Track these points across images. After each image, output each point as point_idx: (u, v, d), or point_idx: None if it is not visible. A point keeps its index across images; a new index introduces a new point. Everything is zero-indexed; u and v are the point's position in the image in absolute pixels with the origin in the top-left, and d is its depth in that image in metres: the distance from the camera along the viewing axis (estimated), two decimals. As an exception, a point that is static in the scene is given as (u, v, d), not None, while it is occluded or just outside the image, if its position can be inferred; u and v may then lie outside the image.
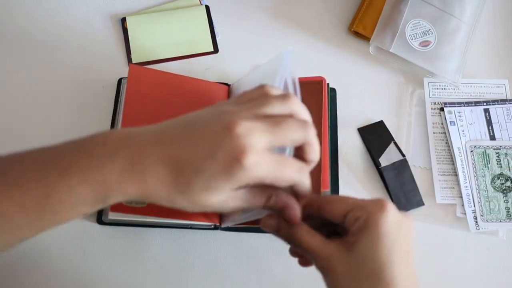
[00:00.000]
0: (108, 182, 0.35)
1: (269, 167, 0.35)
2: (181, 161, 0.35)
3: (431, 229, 0.54)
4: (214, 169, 0.34)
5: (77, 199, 0.36)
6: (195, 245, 0.51)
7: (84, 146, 0.37)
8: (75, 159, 0.36)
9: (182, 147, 0.36)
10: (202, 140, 0.35)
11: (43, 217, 0.36)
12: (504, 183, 0.55)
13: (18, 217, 0.35)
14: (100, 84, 0.57)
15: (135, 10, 0.62)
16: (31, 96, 0.56)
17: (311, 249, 0.38)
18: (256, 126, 0.35)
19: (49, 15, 0.60)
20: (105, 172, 0.35)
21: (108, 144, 0.36)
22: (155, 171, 0.35)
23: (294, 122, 0.37)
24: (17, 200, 0.35)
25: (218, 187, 0.35)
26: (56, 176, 0.35)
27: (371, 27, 0.60)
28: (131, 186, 0.36)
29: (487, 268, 0.53)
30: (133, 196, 0.36)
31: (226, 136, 0.34)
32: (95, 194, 0.36)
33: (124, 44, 0.60)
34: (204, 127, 0.36)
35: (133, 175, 0.35)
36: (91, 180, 0.35)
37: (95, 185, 0.35)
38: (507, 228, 0.54)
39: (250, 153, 0.33)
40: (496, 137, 0.57)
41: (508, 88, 0.60)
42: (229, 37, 0.61)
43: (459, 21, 0.59)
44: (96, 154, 0.36)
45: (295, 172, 0.37)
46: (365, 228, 0.36)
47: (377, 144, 0.56)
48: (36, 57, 0.58)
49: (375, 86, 0.60)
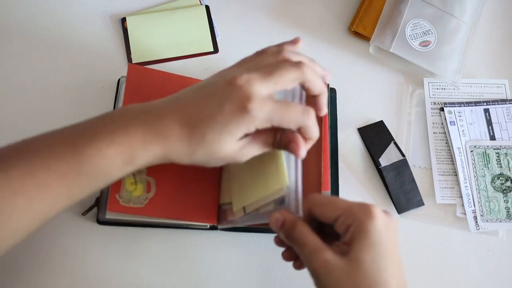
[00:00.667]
0: (133, 143, 0.40)
1: (273, 109, 0.39)
2: (194, 117, 0.40)
3: (431, 229, 0.54)
4: (224, 118, 0.39)
5: (107, 162, 0.39)
6: (194, 245, 0.51)
7: (107, 118, 0.41)
8: (102, 128, 0.40)
9: (194, 106, 0.40)
10: (210, 97, 0.40)
11: (78, 182, 0.39)
12: (504, 183, 0.55)
13: (55, 185, 0.38)
14: (100, 84, 0.57)
15: (135, 10, 0.62)
16: (31, 95, 0.56)
17: (309, 250, 0.39)
18: (254, 75, 0.39)
19: (49, 15, 0.60)
20: (130, 134, 0.40)
21: (129, 114, 0.41)
22: (173, 129, 0.40)
23: (288, 64, 0.41)
24: (54, 168, 0.38)
25: (230, 133, 0.39)
26: (86, 143, 0.39)
27: (371, 27, 0.60)
28: (154, 145, 0.40)
29: (487, 268, 0.53)
30: (157, 155, 0.40)
31: (230, 89, 0.39)
32: (123, 156, 0.40)
33: (124, 44, 0.60)
34: (211, 86, 0.41)
35: (154, 135, 0.40)
36: (118, 143, 0.39)
37: (122, 147, 0.39)
38: (507, 228, 0.54)
39: (253, 99, 0.38)
40: (496, 137, 0.57)
41: (508, 88, 0.60)
42: (229, 37, 0.61)
43: (459, 21, 0.59)
44: (119, 122, 0.40)
45: (300, 114, 0.40)
46: (358, 236, 0.38)
47: (377, 144, 0.56)
48: (36, 57, 0.58)
49: (375, 86, 0.60)
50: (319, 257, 0.38)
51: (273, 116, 0.39)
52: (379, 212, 0.39)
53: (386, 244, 0.38)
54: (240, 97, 0.38)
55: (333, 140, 0.55)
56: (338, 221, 0.40)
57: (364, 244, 0.38)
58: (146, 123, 0.40)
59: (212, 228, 0.51)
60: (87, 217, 0.51)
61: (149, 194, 0.48)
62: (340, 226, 0.39)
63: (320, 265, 0.38)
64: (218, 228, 0.51)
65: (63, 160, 0.39)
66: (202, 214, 0.49)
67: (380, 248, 0.38)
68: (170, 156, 0.41)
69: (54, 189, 0.39)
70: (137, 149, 0.40)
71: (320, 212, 0.41)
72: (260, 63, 0.42)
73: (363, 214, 0.39)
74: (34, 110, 0.56)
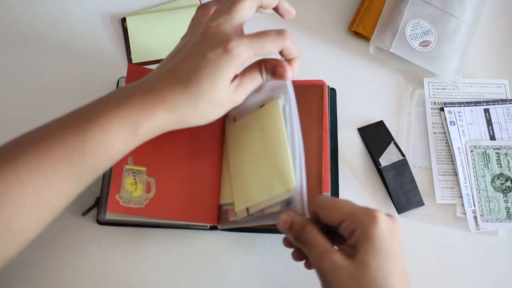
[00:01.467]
0: (135, 112, 0.41)
1: (251, 41, 0.42)
2: (184, 74, 0.41)
3: (431, 229, 0.54)
4: (211, 64, 0.41)
5: (111, 137, 0.40)
6: (194, 246, 0.51)
7: (104, 98, 0.42)
8: (102, 107, 0.41)
9: (181, 65, 0.42)
10: (191, 53, 0.42)
11: (84, 162, 0.40)
12: (504, 183, 0.55)
13: (62, 170, 0.39)
14: (100, 84, 0.57)
15: (135, 10, 0.62)
16: (31, 95, 0.56)
17: (318, 252, 0.40)
18: (220, 19, 0.43)
19: (49, 15, 0.60)
20: (130, 105, 0.41)
21: (125, 90, 0.42)
22: (168, 90, 0.41)
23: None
24: (59, 151, 0.39)
25: (222, 76, 0.41)
26: (88, 123, 0.40)
27: (371, 27, 0.60)
28: (155, 111, 0.41)
29: (487, 268, 0.53)
30: (161, 121, 0.42)
31: (206, 39, 0.42)
32: (127, 127, 0.40)
33: (124, 44, 0.60)
34: (188, 45, 0.43)
35: (153, 100, 0.41)
36: (119, 117, 0.40)
37: (124, 119, 0.40)
38: (507, 228, 0.54)
39: (230, 39, 0.41)
40: (496, 137, 0.57)
41: (508, 88, 0.60)
42: (229, 37, 0.61)
43: (459, 21, 0.59)
44: (117, 99, 0.41)
45: (276, 37, 0.43)
46: (362, 241, 0.39)
47: (377, 144, 0.56)
48: (36, 57, 0.58)
49: (375, 86, 0.60)
50: (327, 259, 0.39)
51: (253, 46, 0.42)
52: (383, 217, 0.39)
53: (390, 249, 0.39)
54: (218, 42, 0.41)
55: (333, 140, 0.55)
56: (342, 224, 0.40)
57: (369, 249, 0.38)
58: (143, 92, 0.41)
59: (212, 228, 0.51)
60: (87, 217, 0.51)
61: (149, 194, 0.48)
62: (344, 229, 0.40)
63: (328, 267, 0.39)
64: (218, 228, 0.51)
65: (67, 143, 0.39)
66: (202, 215, 0.49)
67: (385, 253, 0.38)
68: (173, 114, 0.42)
69: (61, 174, 0.39)
70: (140, 118, 0.41)
71: (324, 215, 0.42)
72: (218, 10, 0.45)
73: (367, 219, 0.39)
74: (34, 110, 0.56)
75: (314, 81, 0.54)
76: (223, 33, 0.42)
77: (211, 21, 0.43)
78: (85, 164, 0.40)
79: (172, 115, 0.42)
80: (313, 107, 0.52)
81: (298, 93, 0.52)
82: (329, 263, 0.39)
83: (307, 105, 0.52)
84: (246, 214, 0.48)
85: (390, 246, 0.39)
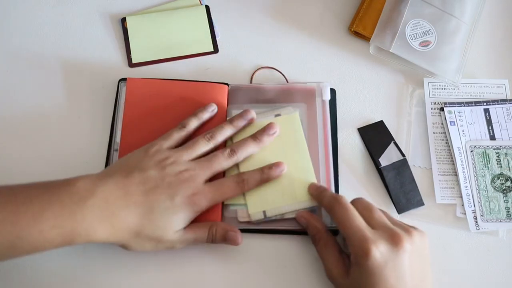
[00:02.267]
0: (78, 228, 0.42)
1: (213, 193, 0.47)
2: (147, 205, 0.45)
3: (431, 229, 0.54)
4: (175, 209, 0.45)
5: (46, 241, 0.42)
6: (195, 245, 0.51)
7: (55, 192, 0.43)
8: (47, 205, 0.42)
9: (144, 196, 0.45)
10: (160, 189, 0.45)
11: (13, 252, 0.42)
12: (504, 183, 0.55)
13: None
14: (100, 84, 0.57)
15: (135, 10, 0.62)
16: (31, 95, 0.56)
17: (325, 264, 0.47)
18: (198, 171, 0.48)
19: (49, 14, 0.60)
20: (76, 219, 0.42)
21: (77, 193, 0.43)
22: (123, 216, 0.44)
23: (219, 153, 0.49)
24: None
25: (179, 220, 0.46)
26: (29, 221, 0.41)
27: (371, 27, 0.60)
28: (100, 232, 0.43)
29: (487, 268, 0.53)
30: (100, 241, 0.43)
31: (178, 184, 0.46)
32: (63, 238, 0.42)
33: (124, 44, 0.60)
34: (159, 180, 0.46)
35: (101, 221, 0.43)
36: (61, 226, 0.42)
37: (65, 231, 0.42)
38: (507, 228, 0.54)
39: (198, 192, 0.46)
40: (496, 137, 0.57)
41: (508, 88, 0.60)
42: (229, 37, 0.61)
43: (459, 21, 0.59)
44: (66, 202, 0.42)
45: (233, 187, 0.49)
46: (355, 265, 0.43)
47: (377, 144, 0.56)
48: (36, 57, 0.58)
49: (375, 86, 0.60)
50: (330, 273, 0.46)
51: (214, 197, 0.48)
52: (377, 251, 0.42)
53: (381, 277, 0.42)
54: (187, 191, 0.46)
55: (333, 140, 0.55)
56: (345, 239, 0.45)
57: (361, 274, 0.43)
58: (94, 208, 0.43)
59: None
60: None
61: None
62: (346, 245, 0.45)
63: (331, 279, 0.47)
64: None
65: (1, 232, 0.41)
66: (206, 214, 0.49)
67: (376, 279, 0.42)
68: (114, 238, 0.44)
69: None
70: (80, 235, 0.42)
71: (336, 222, 0.46)
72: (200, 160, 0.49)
73: (360, 251, 0.42)
74: (34, 110, 0.56)
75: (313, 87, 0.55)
76: (195, 184, 0.47)
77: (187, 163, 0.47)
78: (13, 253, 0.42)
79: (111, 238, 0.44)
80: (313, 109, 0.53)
81: (299, 96, 0.53)
82: (331, 277, 0.46)
83: (307, 107, 0.53)
84: (262, 217, 0.50)
85: (381, 274, 0.42)
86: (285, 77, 0.59)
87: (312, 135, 0.53)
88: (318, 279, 0.50)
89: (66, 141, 0.55)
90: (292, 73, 0.59)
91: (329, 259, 0.46)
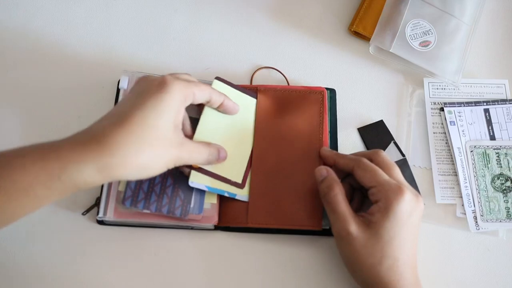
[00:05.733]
0: (62, 156, 0.37)
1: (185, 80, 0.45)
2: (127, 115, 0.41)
3: (431, 229, 0.54)
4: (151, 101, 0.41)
5: (31, 178, 0.36)
6: (195, 246, 0.51)
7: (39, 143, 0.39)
8: (29, 147, 0.38)
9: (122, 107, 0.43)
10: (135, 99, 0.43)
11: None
12: (504, 183, 0.55)
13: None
14: (100, 84, 0.57)
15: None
16: (31, 95, 0.56)
17: (337, 218, 0.45)
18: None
19: (49, 15, 0.60)
20: (59, 148, 0.38)
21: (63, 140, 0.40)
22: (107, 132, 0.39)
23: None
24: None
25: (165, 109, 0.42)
26: (11, 158, 0.37)
27: (371, 27, 0.60)
28: (85, 154, 0.38)
29: (487, 268, 0.53)
30: (89, 166, 0.38)
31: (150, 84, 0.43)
32: (50, 171, 0.37)
33: (124, 44, 0.60)
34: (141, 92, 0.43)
35: (85, 144, 0.38)
36: (47, 158, 0.37)
37: (50, 162, 0.37)
38: (507, 228, 0.54)
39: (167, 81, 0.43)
40: (496, 137, 0.57)
41: (508, 88, 0.60)
42: (229, 37, 0.61)
43: (459, 21, 0.59)
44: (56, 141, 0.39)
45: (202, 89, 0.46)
46: (382, 213, 0.43)
47: (377, 144, 0.56)
48: (36, 56, 0.58)
49: (375, 86, 0.60)
50: (343, 227, 0.44)
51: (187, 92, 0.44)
52: (408, 196, 0.43)
53: (404, 228, 0.43)
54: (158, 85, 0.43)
55: (333, 140, 0.55)
56: (371, 190, 0.45)
57: (386, 223, 0.42)
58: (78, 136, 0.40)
59: (215, 229, 0.51)
60: (87, 217, 0.51)
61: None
62: (371, 195, 0.45)
63: (343, 234, 0.44)
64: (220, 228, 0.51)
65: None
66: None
67: (400, 230, 0.42)
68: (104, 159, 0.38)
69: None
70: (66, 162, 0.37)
71: (359, 176, 0.46)
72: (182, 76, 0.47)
73: (392, 194, 0.43)
74: (35, 110, 0.56)
75: (314, 88, 0.55)
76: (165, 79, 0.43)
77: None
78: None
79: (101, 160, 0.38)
80: (314, 112, 0.54)
81: (299, 98, 0.53)
82: (344, 231, 0.44)
83: (308, 110, 0.54)
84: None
85: (405, 224, 0.43)
86: (285, 77, 0.59)
87: (312, 135, 0.53)
88: (318, 279, 0.51)
89: (66, 141, 0.55)
90: (292, 73, 0.59)
91: (341, 212, 0.44)
